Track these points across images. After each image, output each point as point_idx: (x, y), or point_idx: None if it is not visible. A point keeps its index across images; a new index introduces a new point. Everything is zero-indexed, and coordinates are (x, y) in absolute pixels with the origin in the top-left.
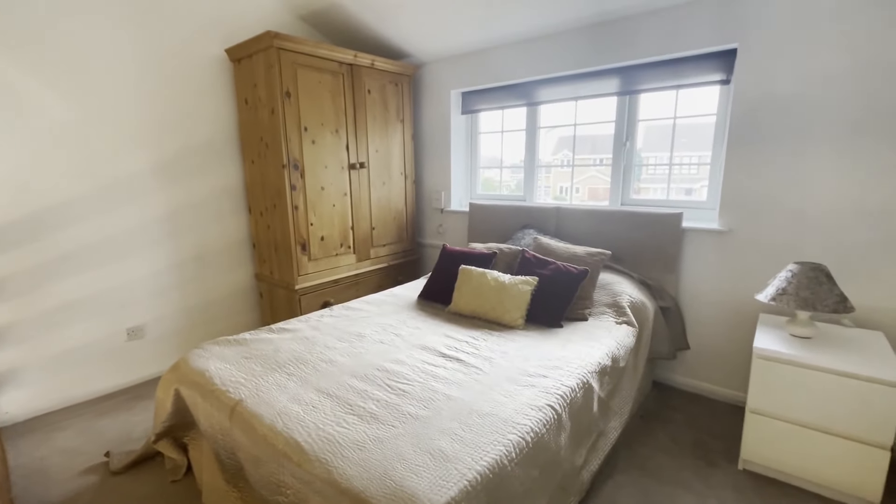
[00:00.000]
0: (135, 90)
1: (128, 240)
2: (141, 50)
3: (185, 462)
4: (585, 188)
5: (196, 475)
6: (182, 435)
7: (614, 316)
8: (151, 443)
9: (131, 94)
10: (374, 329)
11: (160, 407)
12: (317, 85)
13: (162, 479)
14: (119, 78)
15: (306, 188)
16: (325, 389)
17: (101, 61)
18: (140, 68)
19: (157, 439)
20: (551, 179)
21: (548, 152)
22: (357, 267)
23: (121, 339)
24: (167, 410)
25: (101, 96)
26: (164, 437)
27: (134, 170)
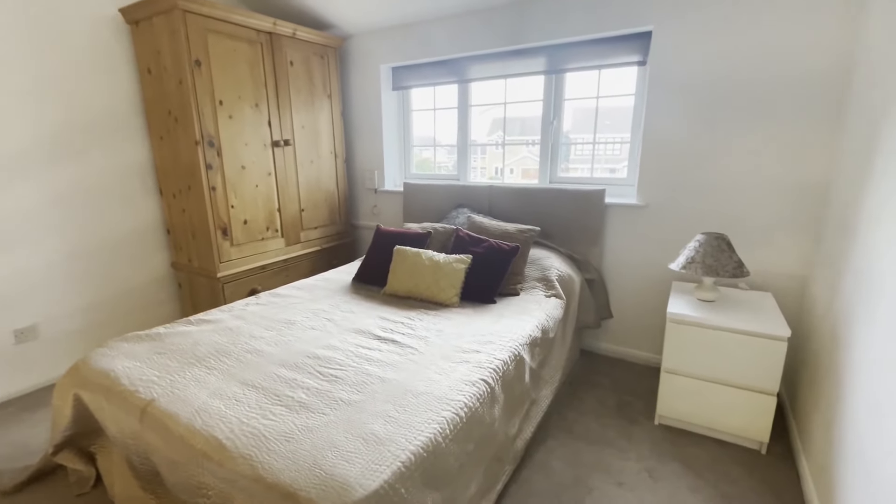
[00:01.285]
0: (17, 54)
1: (12, 227)
2: (24, 4)
3: (94, 473)
4: (519, 169)
5: (107, 486)
6: (87, 444)
7: (544, 290)
8: (50, 455)
9: (14, 59)
10: (304, 315)
11: (58, 415)
12: (232, 54)
13: (65, 494)
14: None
15: (224, 167)
16: (250, 381)
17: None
18: (23, 27)
19: (56, 451)
20: (487, 161)
21: (482, 133)
22: (286, 252)
23: (7, 342)
24: (66, 418)
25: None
26: (66, 448)
27: (15, 147)
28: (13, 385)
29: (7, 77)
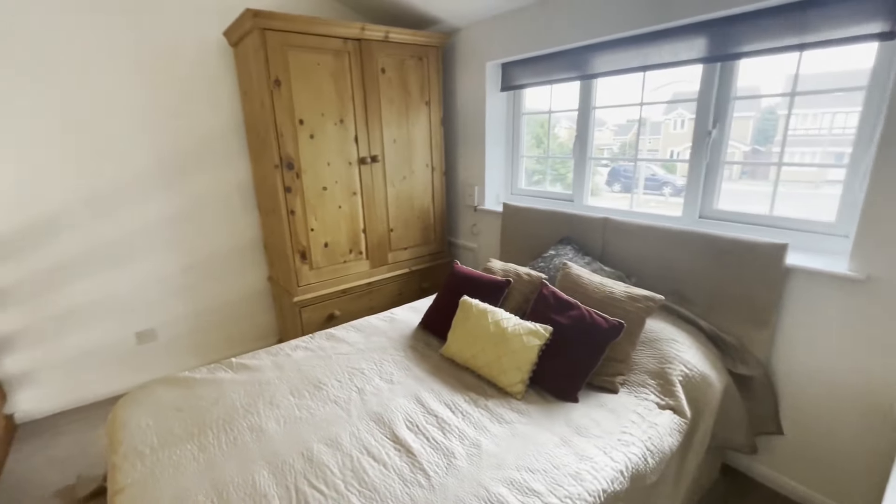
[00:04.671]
0: (130, 88)
1: (134, 242)
2: (136, 39)
3: None
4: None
5: None
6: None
7: (657, 393)
8: (103, 479)
9: (127, 93)
10: (338, 377)
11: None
12: (314, 69)
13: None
14: (115, 73)
15: (304, 189)
16: (220, 484)
17: (96, 57)
18: (133, 63)
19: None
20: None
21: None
22: (371, 274)
23: (131, 342)
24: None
25: (100, 95)
26: None
27: (137, 170)
28: (135, 380)
29: (127, 108)
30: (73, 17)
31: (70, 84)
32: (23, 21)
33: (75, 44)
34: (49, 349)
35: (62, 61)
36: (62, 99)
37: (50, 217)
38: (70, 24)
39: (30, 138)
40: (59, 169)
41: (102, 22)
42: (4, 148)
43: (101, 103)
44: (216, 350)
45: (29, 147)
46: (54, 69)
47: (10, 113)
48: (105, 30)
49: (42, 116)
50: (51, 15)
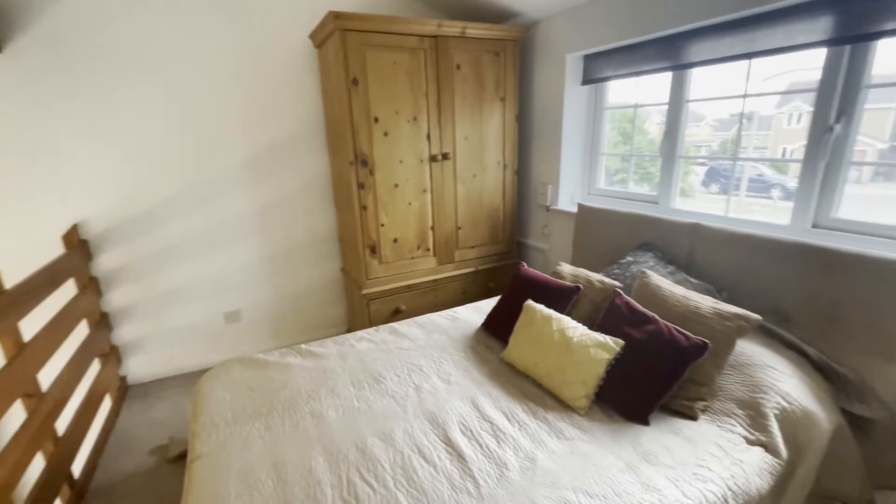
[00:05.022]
0: (226, 88)
1: (226, 231)
2: (233, 44)
3: None
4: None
5: None
6: None
7: (746, 425)
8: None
9: (223, 92)
10: (398, 371)
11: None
12: (391, 67)
13: None
14: (210, 77)
15: (376, 186)
16: (280, 465)
17: (193, 63)
18: (229, 64)
19: None
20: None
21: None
22: (437, 272)
23: (219, 321)
24: None
25: (196, 98)
26: None
27: (228, 165)
28: (222, 356)
29: (225, 109)
30: (181, 22)
31: (177, 87)
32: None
33: (183, 49)
34: (154, 323)
35: (173, 67)
36: (170, 101)
37: (159, 208)
38: (178, 31)
39: (146, 138)
40: (169, 165)
41: (206, 28)
42: (126, 147)
43: (203, 105)
44: (291, 334)
45: (145, 146)
46: (165, 75)
47: (129, 115)
48: (208, 36)
49: (154, 118)
50: (165, 23)
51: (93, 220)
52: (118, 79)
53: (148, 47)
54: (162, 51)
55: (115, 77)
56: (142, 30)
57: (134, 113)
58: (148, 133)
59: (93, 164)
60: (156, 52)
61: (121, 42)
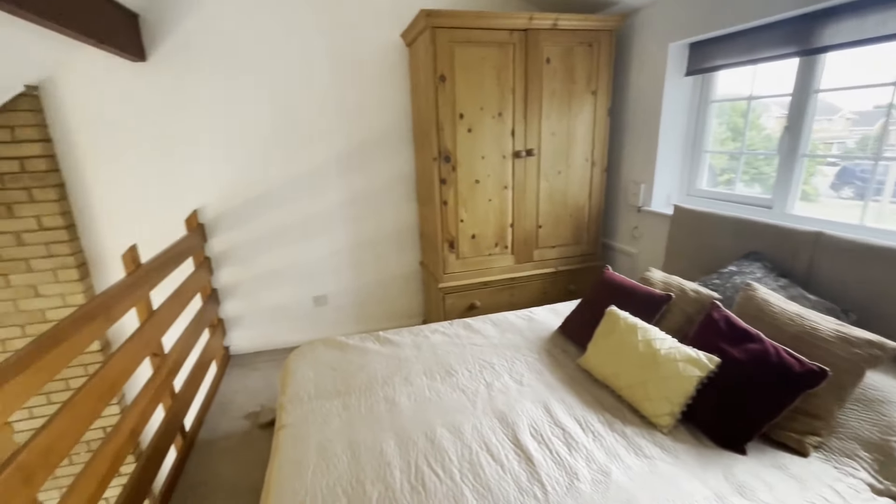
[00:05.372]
0: (323, 88)
1: (317, 220)
2: (330, 44)
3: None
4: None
5: None
6: None
7: (873, 471)
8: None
9: (320, 92)
10: (470, 367)
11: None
12: (478, 63)
13: None
14: (309, 77)
15: (458, 182)
16: (354, 444)
17: (293, 64)
18: (326, 65)
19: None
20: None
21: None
22: (514, 270)
23: (308, 304)
24: None
25: (296, 98)
26: None
27: (322, 160)
28: (309, 335)
29: (322, 106)
30: (285, 28)
31: (279, 88)
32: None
33: (286, 51)
34: (253, 301)
35: (276, 68)
36: (274, 101)
37: (261, 198)
38: (283, 36)
39: (252, 134)
40: (271, 159)
41: (307, 32)
42: (237, 142)
43: (302, 103)
44: (370, 321)
45: (251, 141)
46: (270, 75)
47: (241, 114)
48: (309, 40)
49: (260, 116)
50: (271, 29)
51: (209, 207)
52: (233, 81)
53: (257, 51)
54: (268, 54)
55: (230, 80)
56: (252, 36)
57: (245, 112)
58: (254, 130)
59: (211, 157)
60: (263, 56)
61: (236, 47)
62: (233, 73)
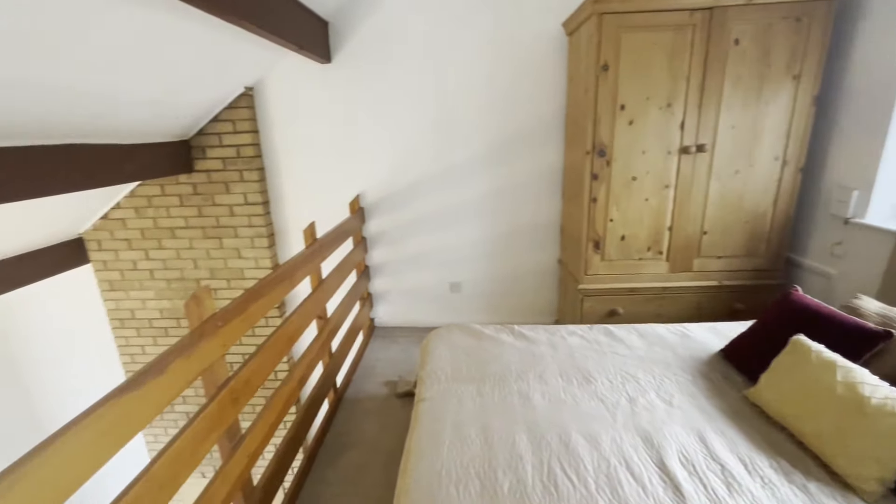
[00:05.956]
0: (477, 80)
1: (461, 210)
2: (485, 40)
3: None
4: None
5: None
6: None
7: None
8: (412, 386)
9: (474, 84)
10: (610, 376)
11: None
12: (648, 49)
13: None
14: (465, 70)
15: (611, 178)
16: (487, 430)
17: (454, 57)
18: (482, 57)
19: (415, 385)
20: None
21: None
22: (668, 279)
23: (445, 289)
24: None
25: (452, 90)
26: None
27: (471, 152)
28: (442, 319)
29: (476, 97)
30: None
31: (438, 80)
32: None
33: (448, 45)
34: (397, 280)
35: (437, 63)
36: (434, 93)
37: (413, 186)
38: (446, 31)
39: (411, 126)
40: (425, 150)
41: (470, 25)
42: (397, 133)
43: (457, 95)
44: (501, 313)
45: (410, 132)
46: (432, 70)
47: (403, 106)
48: (470, 33)
49: (419, 108)
50: (436, 25)
51: (369, 192)
52: (401, 78)
53: (425, 49)
54: (435, 52)
55: (399, 77)
56: (422, 35)
57: (408, 106)
58: (413, 121)
59: (376, 147)
60: (430, 53)
61: (406, 47)
62: (401, 70)
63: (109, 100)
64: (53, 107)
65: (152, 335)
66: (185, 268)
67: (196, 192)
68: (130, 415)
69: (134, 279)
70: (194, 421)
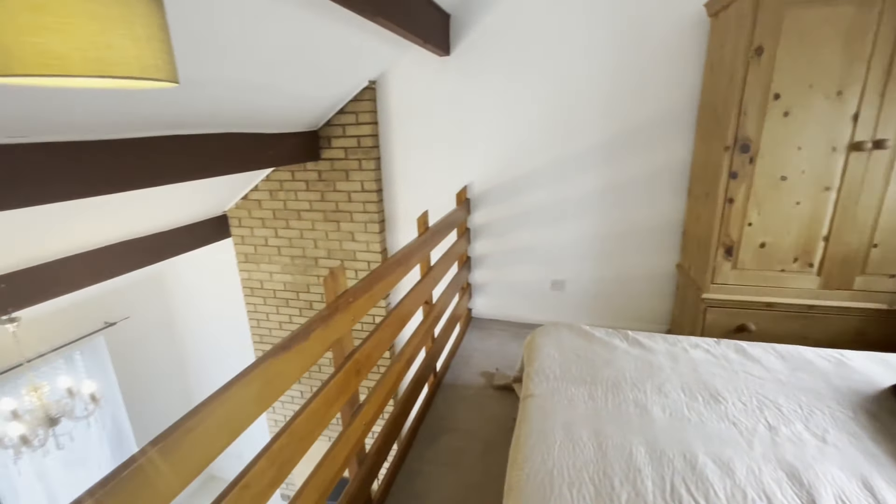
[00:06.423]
0: (599, 70)
1: (570, 206)
2: (612, 26)
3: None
4: None
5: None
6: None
7: None
8: (512, 380)
9: (595, 74)
10: (743, 398)
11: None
12: (818, 27)
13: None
14: (587, 60)
15: (754, 176)
16: (600, 436)
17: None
18: (607, 45)
19: (514, 380)
20: None
21: None
22: (818, 296)
23: (546, 286)
24: (521, 363)
25: (570, 81)
26: (520, 382)
27: (585, 146)
28: (542, 316)
29: (594, 87)
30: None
31: (557, 70)
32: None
33: (570, 35)
34: (497, 273)
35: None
36: (551, 83)
37: (521, 179)
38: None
39: (525, 118)
40: (537, 143)
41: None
42: (510, 125)
43: (575, 87)
44: (605, 316)
45: (523, 124)
46: (552, 59)
47: (519, 98)
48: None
49: (534, 99)
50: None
51: (476, 183)
52: (517, 69)
53: (544, 39)
54: (554, 41)
55: (515, 68)
56: (543, 24)
57: (523, 95)
58: (528, 112)
59: (487, 138)
60: (549, 44)
61: (526, 37)
62: (520, 61)
63: (264, 94)
64: (220, 101)
65: (275, 304)
66: (307, 247)
67: (320, 179)
68: (284, 372)
69: (264, 254)
70: (325, 387)
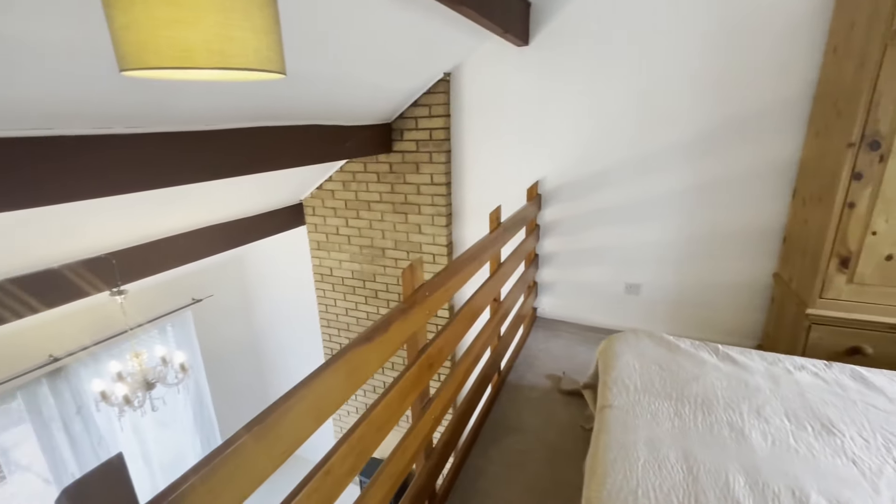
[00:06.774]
0: (692, 57)
1: (650, 205)
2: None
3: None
4: None
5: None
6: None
7: None
8: (581, 386)
9: (687, 62)
10: (864, 433)
11: (596, 362)
12: None
13: (578, 420)
14: (679, 47)
15: (883, 179)
16: (690, 459)
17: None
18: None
19: (584, 386)
20: None
21: None
22: None
23: (619, 289)
24: (594, 369)
25: (658, 71)
26: (590, 389)
27: (673, 141)
28: (614, 321)
29: (686, 77)
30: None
31: (644, 59)
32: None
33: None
34: (567, 273)
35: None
36: (637, 75)
37: (597, 176)
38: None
39: (606, 111)
40: (618, 137)
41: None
42: (589, 119)
43: (668, 76)
44: (686, 326)
45: (604, 118)
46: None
47: (601, 91)
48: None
49: (617, 92)
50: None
51: (549, 179)
52: (600, 60)
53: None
54: (642, 31)
55: (599, 54)
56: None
57: (605, 85)
58: (610, 104)
59: (562, 132)
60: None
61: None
62: (601, 50)
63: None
64: (308, 93)
65: (343, 292)
66: (375, 237)
67: (391, 171)
68: (366, 361)
69: (335, 242)
70: (400, 380)
